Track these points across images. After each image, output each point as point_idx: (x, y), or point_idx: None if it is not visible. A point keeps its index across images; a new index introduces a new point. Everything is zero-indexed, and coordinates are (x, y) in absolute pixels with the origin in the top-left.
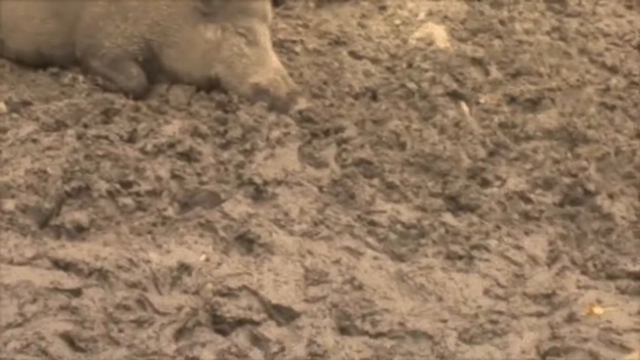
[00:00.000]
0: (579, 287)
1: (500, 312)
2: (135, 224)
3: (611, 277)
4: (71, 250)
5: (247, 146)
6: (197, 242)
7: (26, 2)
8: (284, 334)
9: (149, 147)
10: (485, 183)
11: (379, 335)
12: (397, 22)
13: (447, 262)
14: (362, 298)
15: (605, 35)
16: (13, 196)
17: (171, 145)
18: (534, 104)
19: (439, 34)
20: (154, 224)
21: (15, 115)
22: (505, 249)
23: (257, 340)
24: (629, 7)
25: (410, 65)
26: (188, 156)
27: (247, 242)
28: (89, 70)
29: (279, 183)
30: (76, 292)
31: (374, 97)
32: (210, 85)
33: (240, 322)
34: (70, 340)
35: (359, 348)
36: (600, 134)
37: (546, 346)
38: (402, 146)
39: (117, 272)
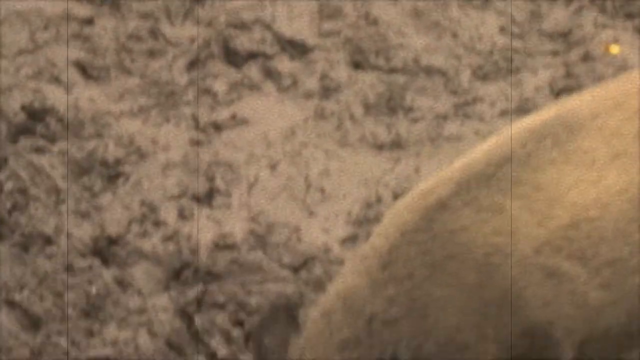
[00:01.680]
0: (596, 26)
1: (515, 50)
2: None
3: (629, 15)
4: None
5: None
6: None
7: None
8: (296, 67)
9: None
10: None
11: (393, 70)
12: None
13: None
14: (376, 33)
15: None
16: None
17: None
18: None
19: None
20: None
21: None
22: None
23: (270, 73)
24: None
25: None
26: None
27: None
28: None
29: None
30: (88, 21)
31: None
32: None
33: (253, 55)
34: (82, 67)
35: (372, 82)
36: None
37: (560, 84)
38: None
39: (129, 1)
